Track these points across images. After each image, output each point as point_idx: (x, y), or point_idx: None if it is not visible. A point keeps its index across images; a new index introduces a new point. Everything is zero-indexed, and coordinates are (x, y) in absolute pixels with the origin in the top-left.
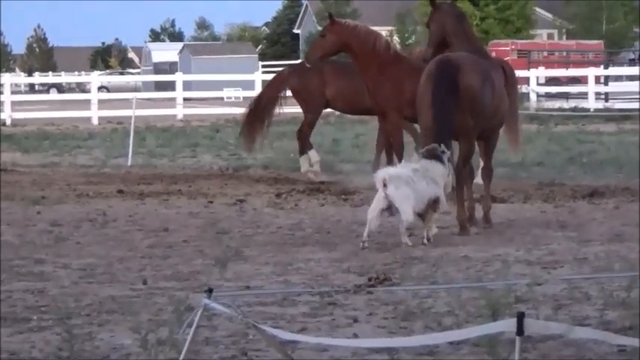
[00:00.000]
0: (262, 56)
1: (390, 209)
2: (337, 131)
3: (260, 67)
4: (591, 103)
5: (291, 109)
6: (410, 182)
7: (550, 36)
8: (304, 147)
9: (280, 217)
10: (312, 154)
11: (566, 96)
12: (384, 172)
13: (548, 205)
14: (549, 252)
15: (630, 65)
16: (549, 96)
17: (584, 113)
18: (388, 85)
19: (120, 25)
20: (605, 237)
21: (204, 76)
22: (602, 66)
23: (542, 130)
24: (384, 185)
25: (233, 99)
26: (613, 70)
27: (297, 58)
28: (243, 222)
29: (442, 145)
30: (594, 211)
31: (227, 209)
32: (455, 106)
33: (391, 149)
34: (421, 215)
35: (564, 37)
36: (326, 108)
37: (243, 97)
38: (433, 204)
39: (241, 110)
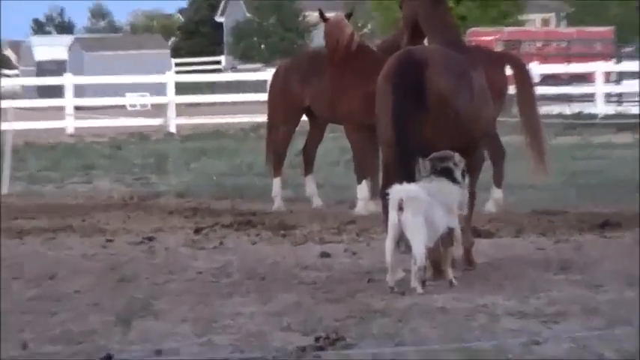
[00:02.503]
0: (176, 51)
1: (401, 240)
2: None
3: (173, 65)
4: (600, 108)
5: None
6: (427, 209)
7: (545, 22)
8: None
9: (200, 259)
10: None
11: (567, 99)
12: (401, 190)
13: (546, 239)
14: (549, 301)
15: None
16: (546, 99)
17: (590, 121)
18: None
19: None
20: (620, 280)
21: (101, 78)
22: (613, 59)
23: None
24: (400, 209)
25: (138, 107)
26: (627, 65)
27: (221, 53)
28: (152, 266)
29: (455, 155)
30: (606, 247)
31: (132, 250)
32: (420, 116)
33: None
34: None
35: (563, 23)
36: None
37: (152, 105)
38: (448, 236)
39: (149, 121)
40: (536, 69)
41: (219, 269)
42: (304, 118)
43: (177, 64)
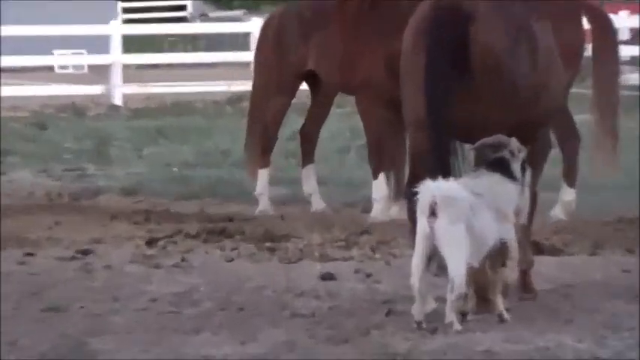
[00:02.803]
0: None
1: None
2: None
3: (120, 11)
4: None
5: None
6: (470, 215)
7: None
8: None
9: (156, 281)
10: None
11: None
12: (435, 189)
13: (633, 258)
14: (635, 342)
15: None
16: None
17: None
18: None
19: None
20: None
21: (18, 29)
22: None
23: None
24: (433, 214)
25: (71, 69)
26: None
27: None
28: (88, 290)
29: (512, 141)
30: None
31: (60, 267)
32: (464, 87)
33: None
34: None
35: None
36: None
37: (90, 67)
38: (500, 252)
39: (86, 89)
40: (625, 21)
41: (183, 295)
42: (303, 86)
43: (125, 10)
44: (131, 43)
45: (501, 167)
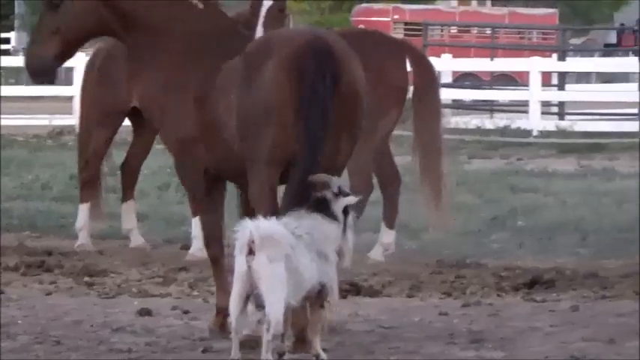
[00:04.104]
0: None
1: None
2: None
3: None
4: (534, 122)
5: None
6: (291, 254)
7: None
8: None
9: None
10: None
11: (489, 107)
12: (253, 227)
13: (452, 301)
14: None
15: (604, 54)
16: (461, 107)
17: (522, 139)
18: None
19: None
20: None
21: None
22: (554, 54)
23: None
24: (250, 252)
25: None
26: (575, 63)
27: (10, 29)
28: None
29: (333, 180)
30: (534, 315)
31: None
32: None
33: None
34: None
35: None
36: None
37: None
38: (318, 294)
39: None
40: (447, 64)
41: None
42: (126, 122)
43: None
44: None
45: (324, 206)
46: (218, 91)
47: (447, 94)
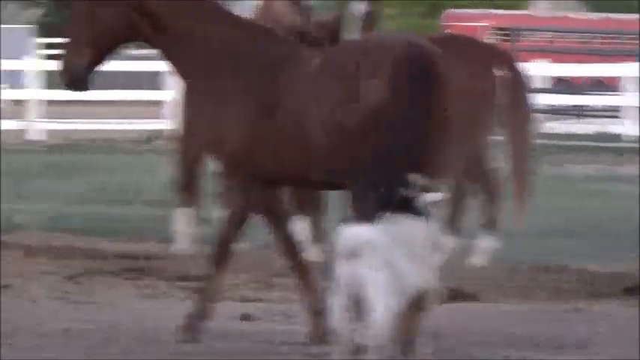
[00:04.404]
0: (42, 28)
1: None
2: None
3: (36, 46)
4: (628, 127)
5: None
6: (392, 260)
7: (558, 5)
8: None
9: (64, 311)
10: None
11: (578, 111)
12: (351, 235)
13: (551, 303)
14: None
15: None
16: (555, 112)
17: (614, 144)
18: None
19: None
20: None
21: None
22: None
23: (544, 171)
24: (352, 258)
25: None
26: None
27: None
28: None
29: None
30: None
31: None
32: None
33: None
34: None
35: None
36: None
37: (4, 102)
38: (418, 299)
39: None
40: (542, 69)
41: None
42: None
43: (41, 47)
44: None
45: (410, 204)
46: (294, 100)
47: (542, 99)
